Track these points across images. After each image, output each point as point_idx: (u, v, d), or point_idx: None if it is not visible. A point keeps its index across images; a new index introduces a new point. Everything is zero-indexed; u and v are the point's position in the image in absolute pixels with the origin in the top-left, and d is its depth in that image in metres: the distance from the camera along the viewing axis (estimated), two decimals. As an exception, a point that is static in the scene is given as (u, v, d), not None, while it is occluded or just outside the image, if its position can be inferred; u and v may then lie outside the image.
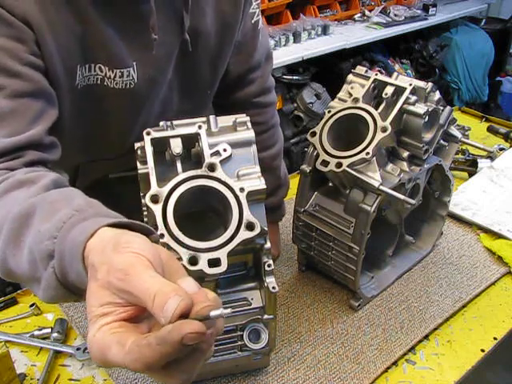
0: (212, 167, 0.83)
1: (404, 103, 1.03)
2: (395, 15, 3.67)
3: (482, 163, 1.63)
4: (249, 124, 0.92)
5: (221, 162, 0.84)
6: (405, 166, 1.08)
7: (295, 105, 3.21)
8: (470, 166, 1.65)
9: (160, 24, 0.91)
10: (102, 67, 0.90)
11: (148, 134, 0.84)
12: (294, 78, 3.18)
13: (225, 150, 0.86)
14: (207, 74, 1.09)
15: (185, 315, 0.47)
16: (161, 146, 0.85)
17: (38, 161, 0.80)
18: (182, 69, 1.03)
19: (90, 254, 0.56)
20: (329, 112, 1.06)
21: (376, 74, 1.07)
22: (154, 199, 0.79)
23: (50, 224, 0.64)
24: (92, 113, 0.96)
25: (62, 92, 0.87)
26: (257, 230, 0.79)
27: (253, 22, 1.11)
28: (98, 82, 0.91)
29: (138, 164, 0.87)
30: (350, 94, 1.07)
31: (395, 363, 1.03)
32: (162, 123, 0.89)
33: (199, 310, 0.47)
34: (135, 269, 0.50)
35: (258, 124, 1.18)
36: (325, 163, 1.00)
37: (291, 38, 3.14)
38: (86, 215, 0.63)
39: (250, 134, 0.90)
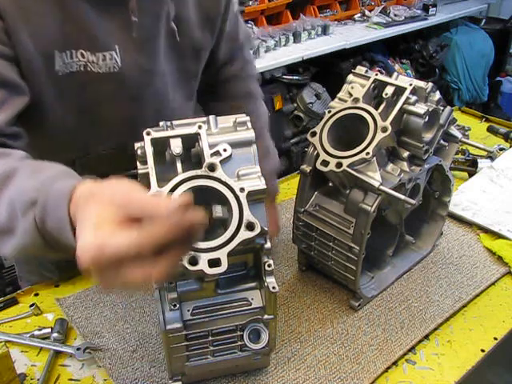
0: (212, 167, 0.83)
1: (404, 103, 1.03)
2: (395, 15, 3.67)
3: (482, 163, 1.63)
4: (249, 124, 0.92)
5: (221, 161, 0.84)
6: (405, 166, 1.08)
7: (295, 105, 3.21)
8: (470, 166, 1.65)
9: (141, 7, 0.91)
10: (84, 53, 0.90)
11: (148, 134, 0.84)
12: (294, 78, 3.18)
13: (225, 150, 0.86)
14: (192, 64, 1.10)
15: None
16: (161, 146, 0.85)
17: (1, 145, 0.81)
18: (171, 60, 1.04)
19: (79, 197, 0.64)
20: (329, 112, 1.06)
21: (376, 74, 1.07)
22: (154, 199, 0.79)
23: (34, 180, 0.71)
24: (81, 101, 0.95)
25: (39, 79, 0.87)
26: (257, 230, 0.79)
27: (235, 10, 1.16)
28: (82, 68, 0.91)
29: (138, 164, 0.87)
30: (350, 94, 1.07)
31: (395, 363, 1.03)
32: (161, 123, 0.89)
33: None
34: (136, 188, 0.59)
35: (244, 95, 1.27)
36: (325, 163, 1.00)
37: (291, 37, 3.14)
38: (71, 175, 0.70)
39: (250, 134, 0.90)
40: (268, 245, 0.84)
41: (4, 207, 0.72)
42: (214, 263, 0.76)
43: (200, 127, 0.86)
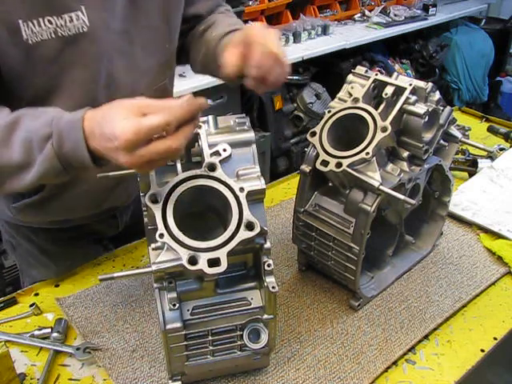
0: (212, 167, 0.83)
1: (404, 103, 1.03)
2: (395, 15, 3.67)
3: (482, 163, 1.63)
4: (248, 124, 0.92)
5: (220, 161, 0.84)
6: (405, 165, 1.08)
7: (295, 105, 3.21)
8: (470, 166, 1.65)
9: None
10: (51, 19, 0.91)
11: (148, 133, 0.84)
12: (294, 78, 3.18)
13: (224, 150, 0.86)
14: (161, 25, 1.10)
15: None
16: (161, 145, 0.85)
17: None
18: (135, 18, 1.04)
19: (95, 113, 0.80)
20: (329, 112, 1.06)
21: (376, 74, 1.07)
22: (154, 199, 0.79)
23: (42, 119, 0.83)
24: (54, 66, 0.96)
25: (7, 50, 0.89)
26: (256, 230, 0.79)
27: None
28: (52, 35, 0.92)
29: (138, 164, 0.87)
30: (350, 94, 1.07)
31: (395, 363, 1.03)
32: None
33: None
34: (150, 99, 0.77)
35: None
36: (325, 163, 1.00)
37: (291, 37, 3.14)
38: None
39: (249, 133, 0.90)
40: (268, 245, 0.84)
41: (18, 146, 0.83)
42: (213, 263, 0.76)
43: (200, 127, 0.86)
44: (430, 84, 1.06)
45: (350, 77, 1.12)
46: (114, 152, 0.76)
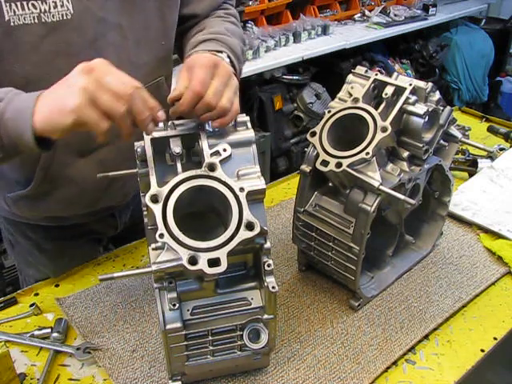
0: (212, 167, 0.83)
1: (404, 103, 1.03)
2: (395, 15, 3.67)
3: (482, 163, 1.63)
4: (249, 124, 0.92)
5: (221, 161, 0.84)
6: (405, 166, 1.08)
7: (295, 105, 3.21)
8: (470, 166, 1.65)
9: None
10: (35, 3, 0.91)
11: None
12: (294, 78, 3.18)
13: (225, 150, 0.86)
14: (157, 22, 1.10)
15: None
16: (161, 145, 0.85)
17: None
18: (129, 13, 1.03)
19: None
20: (329, 112, 1.06)
21: (376, 74, 1.07)
22: (154, 199, 0.79)
23: (3, 89, 0.85)
24: (37, 53, 0.96)
25: None
26: (256, 230, 0.79)
27: None
28: (36, 20, 0.92)
29: (138, 164, 0.87)
30: (350, 94, 1.07)
31: (395, 363, 1.03)
32: (161, 123, 0.89)
33: None
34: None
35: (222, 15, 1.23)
36: (325, 163, 1.00)
37: (291, 37, 3.14)
38: None
39: (249, 134, 0.90)
40: (268, 245, 0.84)
41: None
42: (213, 263, 0.76)
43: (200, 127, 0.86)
44: (430, 84, 1.06)
45: (350, 77, 1.12)
46: (72, 80, 0.81)
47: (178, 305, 0.84)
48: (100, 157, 1.13)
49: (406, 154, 1.08)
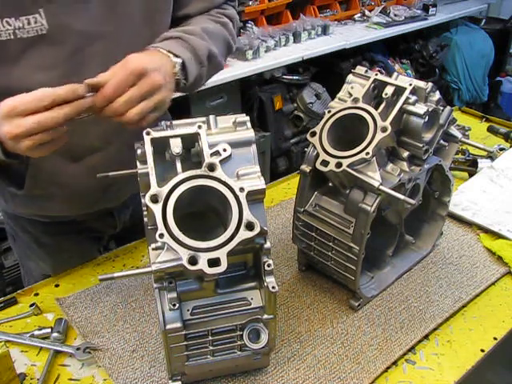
0: (212, 167, 0.83)
1: (404, 103, 1.03)
2: (395, 15, 3.67)
3: (482, 163, 1.63)
4: (248, 124, 0.92)
5: (220, 161, 0.84)
6: (405, 166, 1.07)
7: (295, 105, 3.21)
8: (470, 166, 1.65)
9: None
10: (9, 20, 0.91)
11: (148, 133, 0.84)
12: (294, 77, 3.18)
13: (225, 150, 0.86)
14: (144, 28, 1.08)
15: None
16: (161, 145, 0.85)
17: None
18: (113, 22, 1.02)
19: None
20: (329, 112, 1.06)
21: (376, 74, 1.07)
22: (154, 199, 0.79)
23: None
24: (17, 69, 0.96)
25: None
26: (256, 230, 0.79)
27: None
28: (12, 36, 0.92)
29: (138, 164, 0.87)
30: (350, 94, 1.07)
31: (395, 363, 1.03)
32: (161, 123, 0.89)
33: None
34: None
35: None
36: (325, 163, 1.00)
37: (291, 37, 3.14)
38: None
39: (249, 133, 0.90)
40: (268, 245, 0.84)
41: None
42: (213, 263, 0.76)
43: (200, 127, 0.86)
44: (430, 84, 1.06)
45: (350, 77, 1.12)
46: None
47: (178, 305, 0.84)
48: (92, 162, 1.14)
49: (406, 154, 1.08)
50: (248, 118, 0.93)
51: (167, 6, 1.12)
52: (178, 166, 0.84)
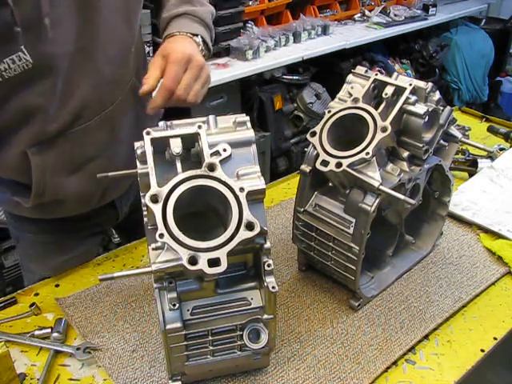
0: (212, 167, 0.83)
1: (404, 103, 1.03)
2: (395, 15, 3.67)
3: (482, 163, 1.63)
4: (248, 124, 0.92)
5: (220, 161, 0.84)
6: (405, 166, 1.07)
7: (295, 105, 3.21)
8: (470, 166, 1.65)
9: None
10: None
11: (148, 133, 0.84)
12: (294, 77, 3.18)
13: (224, 150, 0.86)
14: (124, 32, 1.10)
15: None
16: (161, 145, 0.85)
17: None
18: (92, 35, 1.03)
19: None
20: (329, 112, 1.06)
21: (376, 74, 1.07)
22: (154, 199, 0.79)
23: None
24: (10, 105, 0.98)
25: None
26: (256, 230, 0.79)
27: None
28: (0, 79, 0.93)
29: (138, 164, 0.87)
30: (350, 94, 1.07)
31: (395, 363, 1.03)
32: (161, 123, 0.89)
33: None
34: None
35: None
36: (325, 163, 1.00)
37: (291, 38, 3.14)
38: None
39: (249, 133, 0.90)
40: (268, 245, 0.84)
41: None
42: (213, 263, 0.76)
43: (200, 127, 0.86)
44: (430, 84, 1.06)
45: (350, 77, 1.12)
46: None
47: (178, 305, 0.84)
48: (91, 170, 1.15)
49: (406, 154, 1.08)
50: (248, 118, 0.93)
51: (139, 6, 1.14)
52: (178, 166, 0.84)
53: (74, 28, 1.00)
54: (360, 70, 1.11)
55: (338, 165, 0.98)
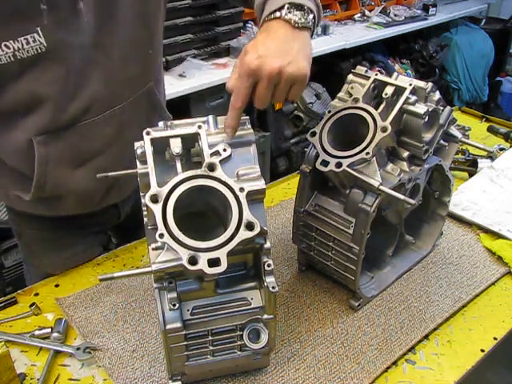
0: (212, 167, 0.83)
1: (404, 103, 1.03)
2: (395, 15, 3.67)
3: (482, 163, 1.63)
4: (248, 124, 0.92)
5: (220, 161, 0.84)
6: (405, 166, 1.07)
7: (295, 105, 3.21)
8: (470, 166, 1.65)
9: None
10: (8, 43, 0.91)
11: (148, 133, 0.84)
12: (294, 77, 3.17)
13: (224, 150, 0.86)
14: (141, 33, 1.10)
15: None
16: (161, 145, 0.85)
17: None
18: (110, 31, 1.03)
19: None
20: (329, 112, 1.06)
21: (376, 74, 1.07)
22: (154, 199, 0.79)
23: None
24: (19, 87, 0.98)
25: None
26: (256, 230, 0.79)
27: None
28: (11, 58, 0.93)
29: (138, 164, 0.87)
30: (350, 94, 1.07)
31: (395, 363, 1.03)
32: (161, 123, 0.89)
33: None
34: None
35: None
36: (325, 163, 1.00)
37: (291, 38, 3.13)
38: None
39: (249, 133, 0.90)
40: (268, 245, 0.84)
41: None
42: (213, 263, 0.76)
43: (200, 127, 0.86)
44: (430, 84, 1.06)
45: (350, 77, 1.12)
46: None
47: (178, 305, 0.84)
48: (95, 165, 1.15)
49: (406, 154, 1.08)
50: (248, 117, 0.93)
51: (159, 10, 1.14)
52: (178, 166, 0.84)
53: (94, 21, 1.00)
54: (360, 69, 1.11)
55: (338, 165, 0.98)
